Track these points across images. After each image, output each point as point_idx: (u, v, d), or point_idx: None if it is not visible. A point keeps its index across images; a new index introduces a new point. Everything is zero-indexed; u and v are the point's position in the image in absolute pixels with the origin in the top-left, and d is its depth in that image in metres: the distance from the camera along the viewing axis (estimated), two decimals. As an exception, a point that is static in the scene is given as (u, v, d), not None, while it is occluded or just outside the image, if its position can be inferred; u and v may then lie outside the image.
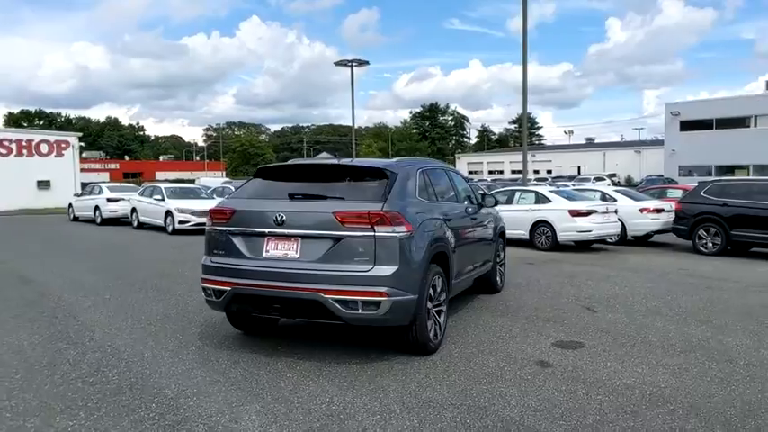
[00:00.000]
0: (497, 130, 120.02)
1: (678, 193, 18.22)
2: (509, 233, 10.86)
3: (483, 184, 27.66)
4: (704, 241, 12.38)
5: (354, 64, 42.38)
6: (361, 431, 3.59)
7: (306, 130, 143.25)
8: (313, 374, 4.59)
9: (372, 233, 4.52)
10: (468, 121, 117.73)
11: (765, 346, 5.38)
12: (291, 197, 4.93)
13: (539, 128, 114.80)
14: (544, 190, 14.18)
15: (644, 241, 14.59)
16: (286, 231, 4.73)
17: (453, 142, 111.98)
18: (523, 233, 13.34)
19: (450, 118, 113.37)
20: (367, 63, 42.70)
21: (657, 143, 57.20)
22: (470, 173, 70.91)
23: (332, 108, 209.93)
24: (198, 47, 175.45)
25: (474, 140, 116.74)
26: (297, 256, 4.69)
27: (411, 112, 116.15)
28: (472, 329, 5.99)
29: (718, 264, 10.87)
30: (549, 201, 13.34)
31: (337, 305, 4.48)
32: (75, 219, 23.41)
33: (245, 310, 5.10)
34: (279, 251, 4.76)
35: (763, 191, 11.87)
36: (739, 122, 41.41)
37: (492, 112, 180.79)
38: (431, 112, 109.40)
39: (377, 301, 4.47)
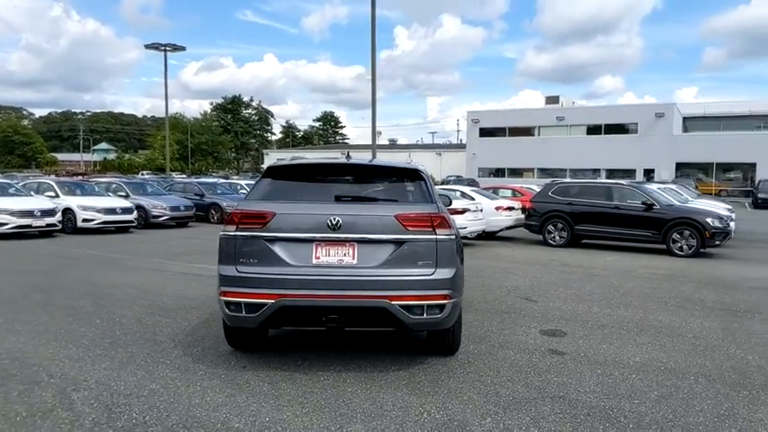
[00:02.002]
0: (302, 126, 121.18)
1: (508, 193, 20.69)
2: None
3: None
4: (553, 235, 14.32)
5: (168, 49, 39.29)
6: (486, 434, 3.63)
7: (80, 117, 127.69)
8: (375, 385, 4.41)
9: (435, 236, 4.49)
10: (272, 116, 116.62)
11: (690, 322, 6.58)
12: (338, 199, 4.64)
13: (342, 126, 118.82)
14: (467, 189, 14.98)
15: (493, 236, 16.28)
16: (341, 236, 4.43)
17: (257, 137, 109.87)
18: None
19: (254, 112, 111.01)
20: (183, 49, 39.94)
21: (456, 146, 63.44)
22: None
23: (108, 93, 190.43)
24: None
25: (278, 136, 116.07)
26: (354, 262, 4.44)
27: (212, 104, 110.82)
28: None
29: (573, 254, 12.70)
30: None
31: (403, 311, 4.36)
32: None
33: (286, 324, 4.64)
34: (332, 257, 4.45)
35: (599, 192, 14.20)
36: (527, 131, 48.19)
37: (287, 108, 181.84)
38: (233, 105, 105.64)
39: (441, 304, 4.46)
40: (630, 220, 13.21)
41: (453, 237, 4.61)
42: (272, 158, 78.31)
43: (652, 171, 42.24)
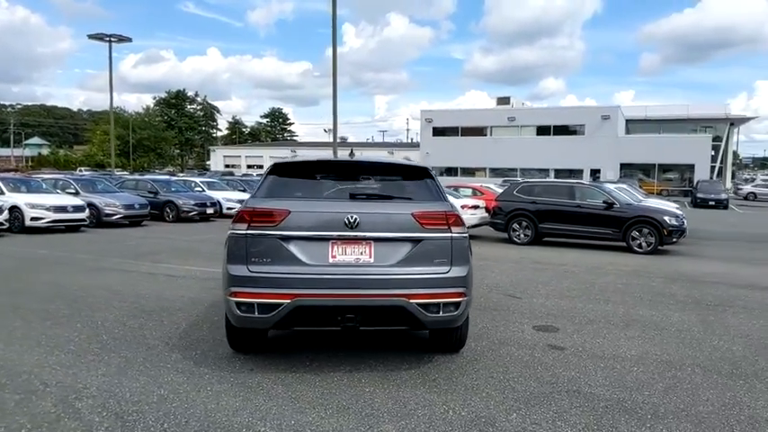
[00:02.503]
0: (249, 122, 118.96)
1: (469, 192, 21.00)
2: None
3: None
4: (518, 233, 14.63)
5: (114, 40, 37.69)
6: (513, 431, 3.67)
7: (9, 109, 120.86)
8: (392, 384, 4.38)
9: (450, 234, 4.51)
10: (218, 111, 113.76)
11: (669, 315, 6.87)
12: (353, 197, 4.57)
13: (290, 123, 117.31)
14: None
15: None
16: (358, 234, 4.37)
17: (202, 133, 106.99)
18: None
19: (200, 107, 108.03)
20: (129, 40, 38.42)
21: (407, 145, 63.84)
22: (227, 167, 68.78)
23: (39, 85, 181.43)
24: None
25: (224, 132, 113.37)
26: (371, 260, 4.39)
27: (155, 98, 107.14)
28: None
29: (540, 252, 13.02)
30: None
31: (420, 309, 4.35)
32: None
33: (300, 324, 4.51)
34: (349, 256, 4.38)
35: (562, 192, 14.60)
36: (479, 131, 49.07)
37: (231, 103, 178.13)
38: (177, 100, 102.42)
39: (457, 302, 4.47)
40: (592, 219, 13.67)
41: (466, 235, 4.64)
42: (218, 155, 76.40)
43: (598, 171, 43.92)
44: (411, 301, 4.32)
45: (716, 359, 5.21)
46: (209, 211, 20.54)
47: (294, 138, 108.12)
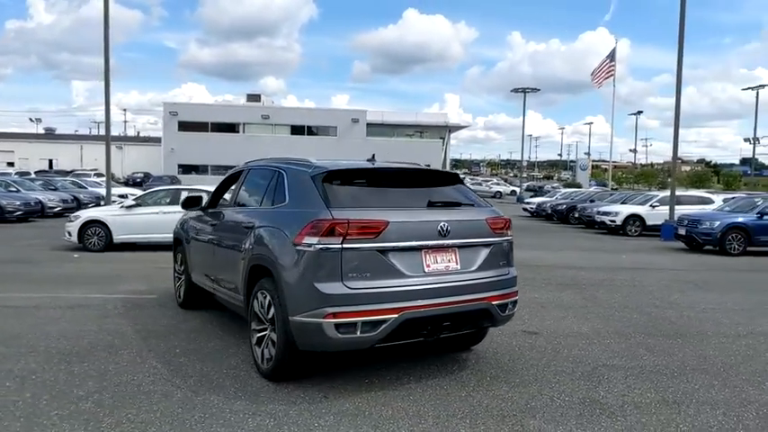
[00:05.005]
0: None
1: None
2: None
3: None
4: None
5: None
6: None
7: None
8: (447, 389, 4.48)
9: (508, 238, 4.79)
10: None
11: (560, 297, 8.25)
12: (431, 205, 4.45)
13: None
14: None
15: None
16: (448, 242, 4.33)
17: None
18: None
19: None
20: None
21: (139, 139, 58.24)
22: None
23: None
24: None
25: None
26: (458, 267, 4.39)
27: None
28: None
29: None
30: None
31: (498, 310, 4.55)
32: None
33: (397, 339, 4.17)
34: (440, 264, 4.30)
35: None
36: (231, 128, 47.50)
37: None
38: None
39: (516, 300, 4.80)
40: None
41: (512, 238, 4.97)
42: None
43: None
44: (493, 302, 4.50)
45: (647, 326, 6.57)
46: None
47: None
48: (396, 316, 4.01)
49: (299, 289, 4.05)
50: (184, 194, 13.23)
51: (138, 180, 43.17)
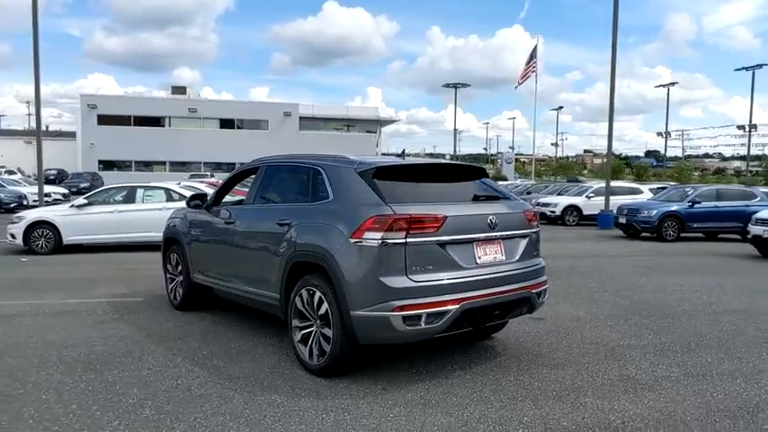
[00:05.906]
0: None
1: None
2: (142, 236, 12.01)
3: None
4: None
5: None
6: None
7: None
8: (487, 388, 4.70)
9: (538, 229, 5.05)
10: None
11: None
12: (476, 199, 4.61)
13: None
14: (175, 186, 13.27)
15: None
16: (495, 234, 4.52)
17: None
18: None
19: None
20: None
21: (50, 134, 54.40)
22: None
23: None
24: None
25: None
26: (503, 258, 4.58)
27: None
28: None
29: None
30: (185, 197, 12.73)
31: (536, 298, 4.80)
32: None
33: (453, 329, 4.28)
34: (489, 256, 4.48)
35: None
36: (156, 121, 45.26)
37: None
38: None
39: (547, 288, 5.06)
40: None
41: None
42: None
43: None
44: (532, 291, 4.75)
45: (631, 308, 7.08)
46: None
47: None
48: (457, 306, 4.15)
49: (362, 283, 4.08)
50: (140, 192, 12.70)
51: (52, 177, 40.24)
